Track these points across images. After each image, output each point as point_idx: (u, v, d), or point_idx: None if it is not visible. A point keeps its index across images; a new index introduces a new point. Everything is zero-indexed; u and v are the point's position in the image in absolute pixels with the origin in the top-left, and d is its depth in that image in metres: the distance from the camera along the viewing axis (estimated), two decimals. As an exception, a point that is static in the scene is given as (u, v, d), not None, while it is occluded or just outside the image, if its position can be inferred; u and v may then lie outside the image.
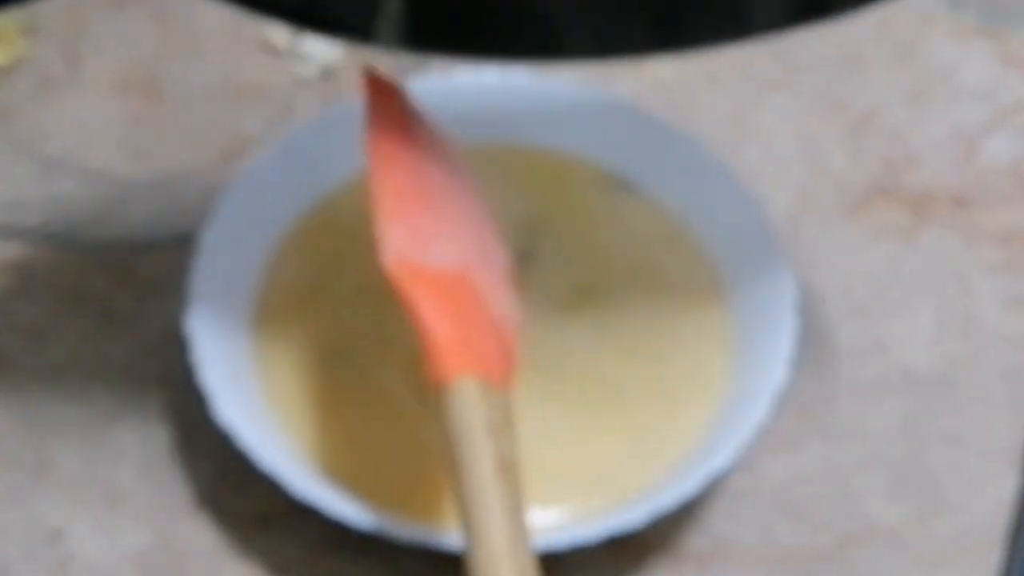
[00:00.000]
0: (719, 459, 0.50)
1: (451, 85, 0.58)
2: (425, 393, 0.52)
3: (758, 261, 0.55)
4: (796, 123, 0.64)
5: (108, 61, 0.64)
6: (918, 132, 0.63)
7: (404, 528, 0.49)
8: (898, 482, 0.55)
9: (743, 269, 0.55)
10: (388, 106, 0.50)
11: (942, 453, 0.55)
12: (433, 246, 0.49)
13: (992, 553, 0.53)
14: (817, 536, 0.54)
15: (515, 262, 0.55)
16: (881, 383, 0.57)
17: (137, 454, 0.55)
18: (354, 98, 0.58)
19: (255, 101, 0.63)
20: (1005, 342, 0.58)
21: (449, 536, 0.49)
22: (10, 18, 0.65)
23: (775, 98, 0.64)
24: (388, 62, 0.63)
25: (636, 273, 0.56)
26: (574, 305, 0.55)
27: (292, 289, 0.55)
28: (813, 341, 0.57)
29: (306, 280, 0.56)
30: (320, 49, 0.64)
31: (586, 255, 0.56)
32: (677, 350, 0.54)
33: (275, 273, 0.56)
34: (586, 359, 0.54)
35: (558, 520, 0.51)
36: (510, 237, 0.55)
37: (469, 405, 0.45)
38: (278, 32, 0.65)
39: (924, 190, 0.62)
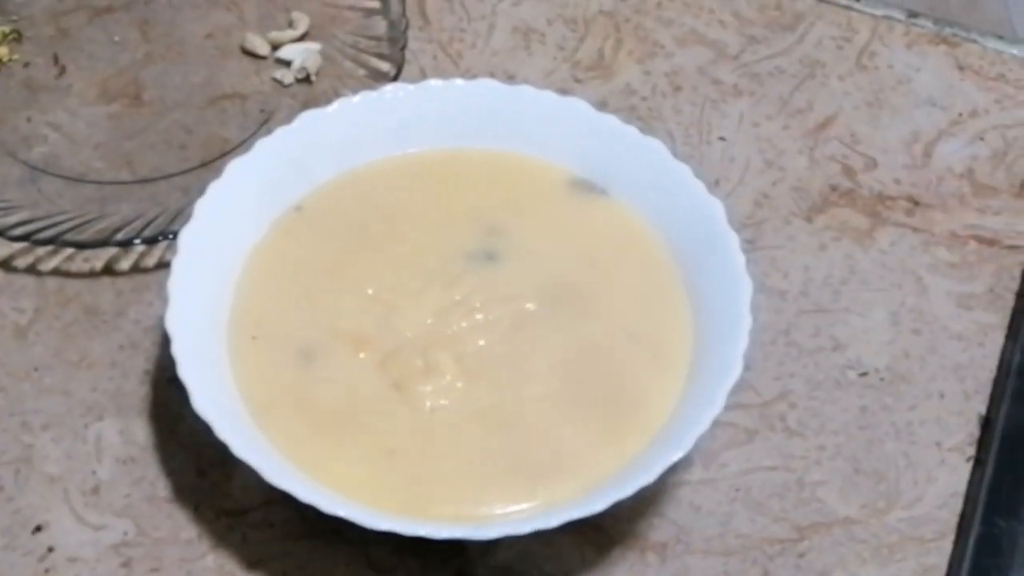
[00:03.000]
0: (676, 451, 0.50)
1: (425, 92, 0.59)
2: (403, 385, 0.53)
3: (717, 261, 0.55)
4: (757, 128, 0.64)
5: (92, 67, 0.65)
6: (875, 137, 0.64)
7: (373, 516, 0.49)
8: (854, 474, 0.55)
9: (703, 268, 0.55)
10: None
11: (896, 446, 0.56)
12: None
13: (944, 543, 0.54)
14: (775, 527, 0.54)
15: (482, 262, 0.56)
16: (837, 379, 0.58)
17: (117, 448, 0.55)
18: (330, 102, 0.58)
19: (235, 105, 0.64)
20: (957, 339, 0.59)
21: (415, 524, 0.50)
22: (-4, 24, 0.66)
23: (736, 104, 0.65)
24: (362, 71, 0.64)
25: (599, 272, 0.56)
26: (539, 304, 0.55)
27: (269, 287, 0.56)
28: (772, 338, 0.58)
29: (282, 278, 0.56)
30: (298, 55, 0.65)
31: (551, 256, 0.56)
32: (638, 347, 0.54)
33: (252, 272, 0.56)
34: (550, 356, 0.54)
35: (524, 511, 0.51)
36: (477, 237, 0.56)
37: None
38: (258, 39, 0.66)
39: (880, 193, 0.63)
